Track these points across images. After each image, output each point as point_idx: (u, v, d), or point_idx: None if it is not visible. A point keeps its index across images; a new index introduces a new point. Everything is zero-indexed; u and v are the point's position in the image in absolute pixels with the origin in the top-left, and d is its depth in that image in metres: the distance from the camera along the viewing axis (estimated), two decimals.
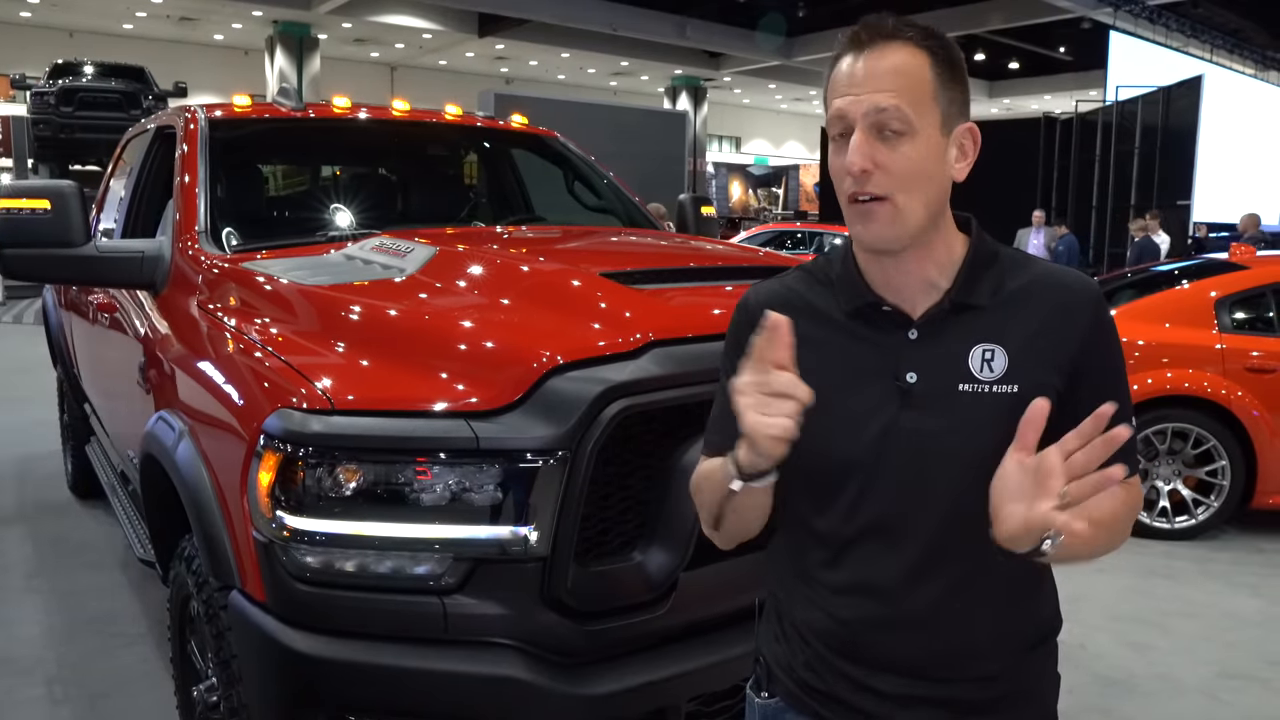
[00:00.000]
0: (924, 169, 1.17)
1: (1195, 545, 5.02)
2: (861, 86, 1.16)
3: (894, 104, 1.15)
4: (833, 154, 1.21)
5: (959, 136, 1.21)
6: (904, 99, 1.15)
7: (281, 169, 4.19)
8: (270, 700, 1.91)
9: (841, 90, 1.18)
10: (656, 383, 1.90)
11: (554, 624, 1.83)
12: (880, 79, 1.16)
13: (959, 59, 1.21)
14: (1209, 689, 3.45)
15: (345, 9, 21.56)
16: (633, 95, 31.92)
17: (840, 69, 1.20)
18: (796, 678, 1.35)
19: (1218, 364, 5.00)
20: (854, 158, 1.15)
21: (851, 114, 1.16)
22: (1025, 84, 30.68)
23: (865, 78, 1.16)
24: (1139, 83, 16.27)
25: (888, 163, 1.15)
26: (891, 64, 1.16)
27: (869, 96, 1.15)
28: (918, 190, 1.17)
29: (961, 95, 1.21)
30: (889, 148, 1.16)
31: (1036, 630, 1.33)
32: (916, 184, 1.17)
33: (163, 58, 23.29)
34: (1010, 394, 1.20)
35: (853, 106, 1.16)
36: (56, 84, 16.37)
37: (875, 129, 1.16)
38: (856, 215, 1.19)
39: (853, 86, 1.17)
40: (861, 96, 1.16)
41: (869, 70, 1.16)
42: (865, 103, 1.16)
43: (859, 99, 1.16)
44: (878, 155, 1.15)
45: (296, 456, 1.80)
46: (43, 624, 3.80)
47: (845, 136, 1.18)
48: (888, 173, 1.16)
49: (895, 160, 1.15)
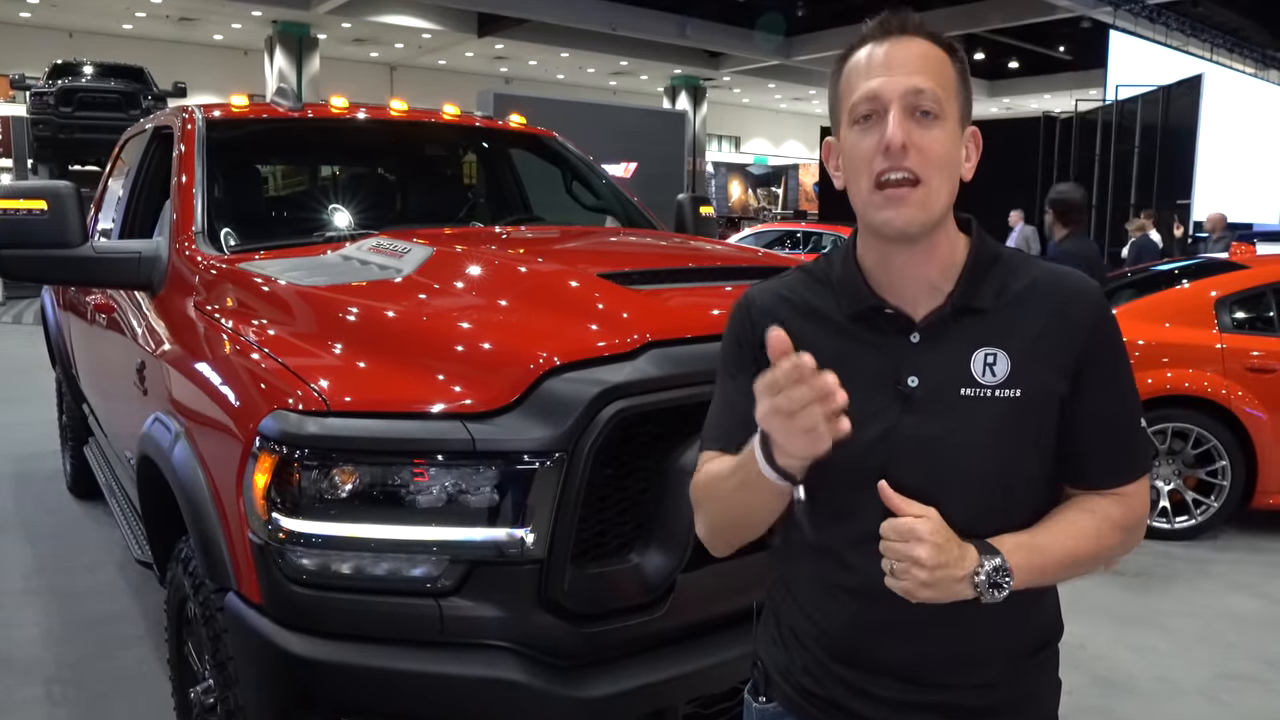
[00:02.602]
0: (951, 156, 1.19)
1: (1195, 545, 5.02)
2: (896, 69, 1.17)
3: (930, 86, 1.16)
4: (857, 137, 1.19)
5: (967, 138, 1.23)
6: (936, 83, 1.17)
7: (279, 169, 4.19)
8: (266, 702, 1.90)
9: (873, 73, 1.18)
10: (654, 384, 1.89)
11: (551, 626, 1.82)
12: (913, 63, 1.17)
13: (967, 65, 1.24)
14: (1208, 690, 3.44)
15: (344, 9, 21.54)
16: (632, 95, 31.88)
17: (865, 54, 1.20)
18: (794, 682, 1.34)
19: (1218, 364, 4.99)
20: (895, 131, 1.15)
21: (887, 94, 1.16)
22: (1025, 83, 30.65)
23: (899, 60, 1.18)
24: (1139, 82, 16.25)
25: (922, 144, 1.16)
26: (920, 51, 1.19)
27: (904, 78, 1.16)
28: (945, 177, 1.18)
29: (970, 99, 1.23)
30: (924, 130, 1.16)
31: (1037, 637, 1.32)
32: (945, 170, 1.18)
33: (163, 58, 23.26)
34: (1013, 398, 1.19)
35: (887, 87, 1.16)
36: (56, 84, 16.34)
37: (910, 110, 1.16)
38: (886, 200, 1.17)
39: (886, 68, 1.18)
40: (897, 77, 1.16)
41: (900, 55, 1.18)
42: (902, 83, 1.16)
43: (894, 80, 1.16)
44: (914, 135, 1.16)
45: (292, 458, 1.80)
46: (41, 625, 3.79)
47: (872, 118, 1.18)
48: (922, 154, 1.16)
49: (929, 142, 1.16)
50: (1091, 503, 1.24)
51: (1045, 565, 1.18)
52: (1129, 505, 1.25)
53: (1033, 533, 1.20)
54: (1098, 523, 1.22)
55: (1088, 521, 1.22)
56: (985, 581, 1.13)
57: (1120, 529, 1.24)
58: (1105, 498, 1.24)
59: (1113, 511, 1.23)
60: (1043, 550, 1.18)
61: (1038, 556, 1.17)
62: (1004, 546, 1.16)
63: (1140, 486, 1.25)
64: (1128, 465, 1.25)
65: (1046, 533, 1.21)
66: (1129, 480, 1.25)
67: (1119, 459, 1.24)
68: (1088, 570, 1.24)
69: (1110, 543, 1.23)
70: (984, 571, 1.13)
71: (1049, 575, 1.20)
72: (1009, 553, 1.15)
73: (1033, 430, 1.21)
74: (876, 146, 1.17)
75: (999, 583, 1.13)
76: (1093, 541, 1.21)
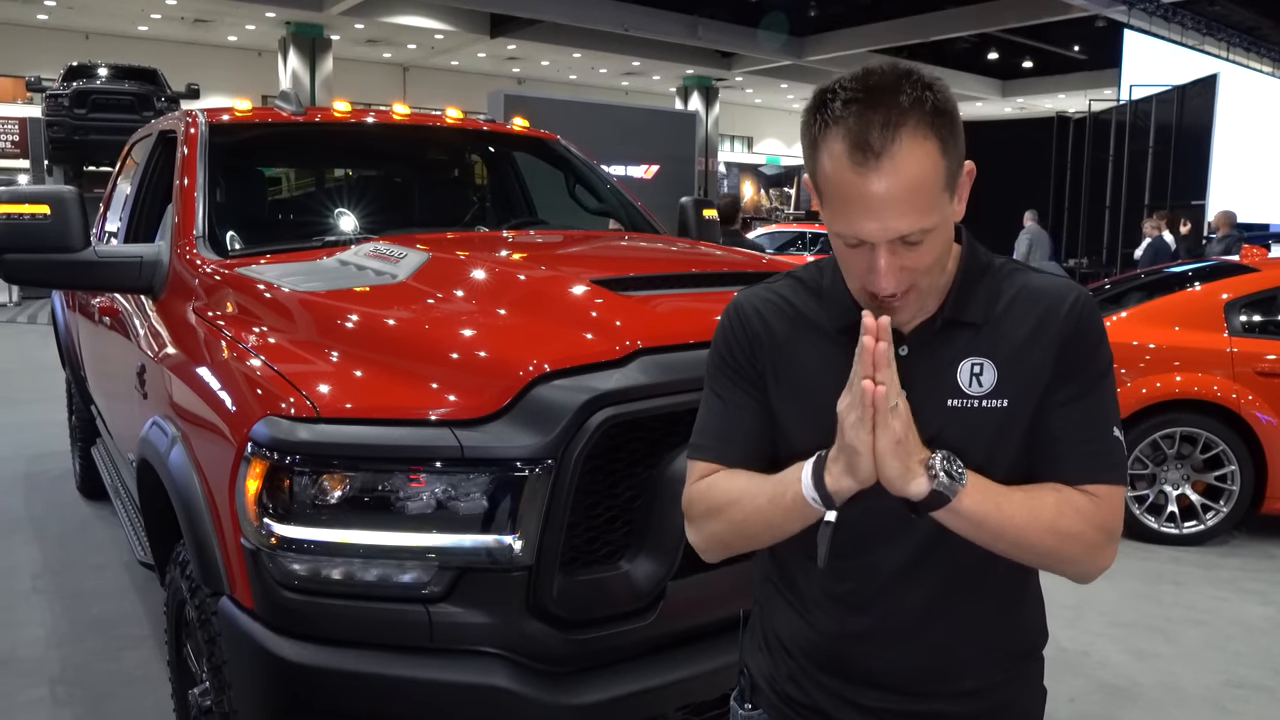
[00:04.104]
0: (943, 245, 1.18)
1: (1203, 551, 4.98)
2: (882, 214, 1.10)
3: (918, 227, 1.11)
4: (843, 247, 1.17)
5: (960, 186, 1.18)
6: (923, 213, 1.11)
7: (281, 173, 4.20)
8: (258, 706, 1.92)
9: (856, 213, 1.12)
10: (644, 391, 1.89)
11: (540, 633, 1.83)
12: (900, 204, 1.10)
13: (953, 106, 1.14)
14: (1215, 698, 3.41)
15: (357, 10, 21.63)
16: (644, 95, 31.90)
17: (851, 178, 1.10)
18: (779, 690, 1.35)
19: (1227, 367, 4.94)
20: (884, 282, 1.13)
21: (873, 238, 1.12)
22: (1038, 83, 30.49)
23: (885, 204, 1.10)
24: (1153, 81, 16.13)
25: (912, 264, 1.14)
26: (908, 179, 1.09)
27: (891, 224, 1.11)
28: (938, 267, 1.18)
29: (960, 144, 1.15)
30: (911, 251, 1.13)
31: (1021, 645, 1.33)
32: (938, 261, 1.17)
33: (177, 59, 23.45)
34: (1000, 408, 1.19)
35: (875, 235, 1.12)
36: (70, 86, 16.47)
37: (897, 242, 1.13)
38: (879, 307, 1.16)
39: (871, 212, 1.11)
40: (884, 224, 1.11)
41: (887, 195, 1.09)
42: (889, 231, 1.11)
43: (882, 228, 1.11)
44: (903, 261, 1.14)
45: (283, 464, 1.80)
46: (47, 625, 3.82)
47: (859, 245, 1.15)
48: (912, 271, 1.15)
49: (919, 259, 1.14)
50: (1058, 486, 1.19)
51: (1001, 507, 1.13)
52: (1098, 506, 1.18)
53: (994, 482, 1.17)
54: (1059, 500, 1.16)
55: (1050, 495, 1.17)
56: (940, 466, 1.09)
57: (1085, 521, 1.17)
58: (1074, 489, 1.19)
59: (1078, 501, 1.17)
60: (1000, 493, 1.14)
61: (994, 493, 1.13)
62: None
63: (1113, 495, 1.19)
64: (1097, 463, 1.20)
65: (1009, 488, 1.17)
66: (1099, 480, 1.19)
67: (1090, 455, 1.19)
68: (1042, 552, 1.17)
69: (1071, 528, 1.16)
70: (939, 455, 1.10)
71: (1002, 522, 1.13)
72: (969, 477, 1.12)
73: (1020, 439, 1.20)
74: (865, 269, 1.15)
75: (952, 472, 1.10)
76: (1052, 514, 1.15)
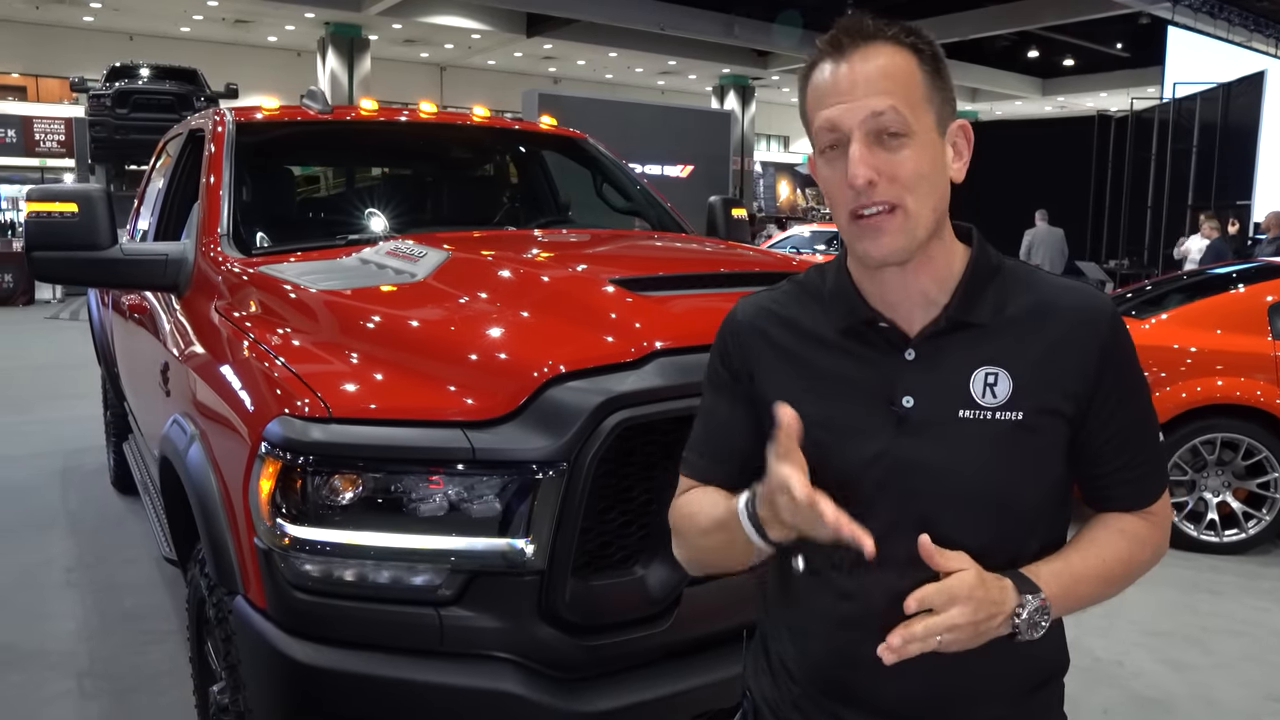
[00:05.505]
0: (929, 169, 1.11)
1: (1244, 560, 4.85)
2: (852, 92, 1.09)
3: (890, 105, 1.08)
4: (823, 167, 1.13)
5: (952, 135, 1.15)
6: (899, 100, 1.08)
7: (308, 172, 4.22)
8: (271, 706, 1.91)
9: (829, 99, 1.10)
10: (660, 393, 1.85)
11: (551, 638, 1.80)
12: (871, 82, 1.08)
13: (942, 56, 1.14)
14: (1253, 712, 3.32)
15: (395, 10, 21.82)
16: (680, 94, 31.86)
17: (822, 76, 1.12)
18: (784, 718, 1.29)
19: (1272, 372, 4.81)
20: (858, 169, 1.08)
21: (846, 123, 1.09)
22: (1079, 81, 30.05)
23: (855, 83, 1.09)
24: (1198, 79, 15.79)
25: (892, 169, 1.08)
26: (879, 66, 1.09)
27: (863, 101, 1.08)
28: (925, 194, 1.11)
29: (951, 93, 1.15)
30: (890, 153, 1.09)
31: (1039, 672, 1.24)
32: (923, 187, 1.10)
33: (218, 60, 23.82)
34: (1015, 421, 1.13)
35: (846, 115, 1.09)
36: (112, 86, 16.78)
37: (873, 135, 1.08)
38: (863, 231, 1.11)
39: (842, 93, 1.09)
40: (855, 103, 1.08)
41: (857, 74, 1.09)
42: (860, 108, 1.08)
43: (852, 106, 1.08)
44: (880, 163, 1.08)
45: (296, 464, 1.79)
46: (78, 619, 3.87)
47: (837, 148, 1.11)
48: (894, 179, 1.09)
49: (900, 165, 1.09)
50: (1121, 521, 1.21)
51: (1081, 593, 1.15)
52: (1155, 523, 1.22)
53: (1066, 558, 1.16)
54: (1129, 543, 1.19)
55: (1120, 542, 1.19)
56: (1025, 622, 1.09)
57: (1150, 546, 1.21)
58: (1135, 517, 1.21)
59: (1142, 530, 1.20)
60: (1078, 578, 1.15)
61: (1073, 584, 1.14)
62: (1040, 576, 1.12)
63: (1165, 503, 1.23)
64: (1153, 485, 1.22)
65: (1080, 557, 1.16)
66: (1155, 499, 1.22)
67: (1145, 480, 1.21)
68: (1118, 592, 1.21)
69: (1142, 559, 1.21)
70: (1025, 612, 1.09)
71: (1083, 602, 1.17)
72: (1045, 583, 1.11)
73: (1036, 454, 1.15)
74: (844, 180, 1.10)
75: (1038, 622, 1.09)
76: (1125, 564, 1.19)
